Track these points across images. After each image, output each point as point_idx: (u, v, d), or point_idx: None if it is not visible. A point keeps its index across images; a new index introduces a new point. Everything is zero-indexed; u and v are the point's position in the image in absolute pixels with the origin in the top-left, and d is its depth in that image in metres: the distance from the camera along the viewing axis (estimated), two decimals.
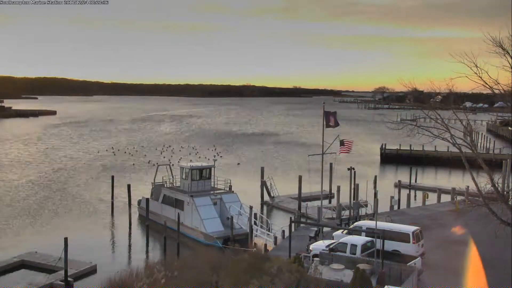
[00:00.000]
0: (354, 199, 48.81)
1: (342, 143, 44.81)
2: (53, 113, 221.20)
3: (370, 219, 39.02)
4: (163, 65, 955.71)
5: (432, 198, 54.07)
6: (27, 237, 42.81)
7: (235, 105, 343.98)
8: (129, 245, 42.70)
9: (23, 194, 59.83)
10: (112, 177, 56.11)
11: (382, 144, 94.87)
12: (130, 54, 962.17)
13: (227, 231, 40.96)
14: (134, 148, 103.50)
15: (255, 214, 42.76)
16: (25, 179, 68.94)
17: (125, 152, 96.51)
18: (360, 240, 30.60)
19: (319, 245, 31.45)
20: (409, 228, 32.61)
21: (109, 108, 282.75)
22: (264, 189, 56.85)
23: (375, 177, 58.27)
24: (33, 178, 69.74)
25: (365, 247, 29.81)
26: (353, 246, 29.69)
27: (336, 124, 43.72)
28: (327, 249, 29.91)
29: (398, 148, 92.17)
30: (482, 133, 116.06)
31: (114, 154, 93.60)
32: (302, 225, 41.16)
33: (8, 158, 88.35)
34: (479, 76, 24.27)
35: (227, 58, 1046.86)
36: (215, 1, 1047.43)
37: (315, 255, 29.51)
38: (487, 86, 24.67)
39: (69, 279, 31.07)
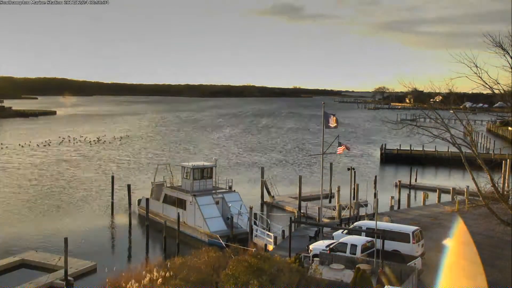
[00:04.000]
0: (354, 199, 48.81)
1: (340, 144, 45.02)
2: (53, 113, 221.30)
3: (370, 219, 39.02)
4: (164, 66, 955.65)
5: (432, 198, 54.04)
6: (27, 237, 42.77)
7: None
8: (129, 245, 42.70)
9: (23, 194, 59.85)
10: (112, 177, 56.09)
11: (382, 144, 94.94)
12: (130, 55, 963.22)
13: (230, 229, 41.02)
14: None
15: (255, 214, 42.75)
16: (25, 178, 69.02)
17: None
18: (360, 240, 30.59)
19: (319, 245, 31.42)
20: (409, 228, 32.60)
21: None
22: (264, 188, 56.85)
23: (375, 177, 58.25)
24: (33, 177, 69.80)
25: (365, 247, 29.80)
26: (353, 246, 29.67)
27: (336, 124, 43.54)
28: (327, 249, 29.90)
29: (398, 148, 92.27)
30: (482, 133, 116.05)
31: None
32: (302, 225, 41.15)
33: (8, 158, 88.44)
34: (479, 76, 24.31)
35: (227, 58, 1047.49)
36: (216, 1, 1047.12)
37: (315, 255, 29.49)
38: (487, 86, 24.69)
39: (69, 278, 31.07)
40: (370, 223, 33.37)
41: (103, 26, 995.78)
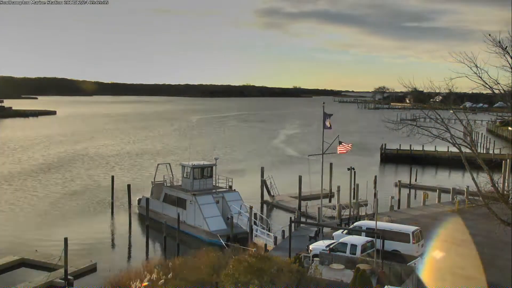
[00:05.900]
0: (354, 199, 48.80)
1: (340, 143, 45.08)
2: (53, 113, 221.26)
3: (370, 219, 39.03)
4: (163, 66, 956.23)
5: (432, 198, 54.02)
6: (27, 236, 42.82)
7: None
8: (129, 244, 42.72)
9: (23, 193, 59.86)
10: (112, 177, 56.10)
11: (382, 144, 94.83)
12: (130, 54, 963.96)
13: (230, 229, 41.04)
14: None
15: (255, 214, 42.76)
16: (25, 178, 69.02)
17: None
18: (360, 240, 30.60)
19: (319, 245, 31.43)
20: (409, 228, 32.62)
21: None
22: (264, 188, 56.84)
23: (375, 177, 58.20)
24: (33, 177, 69.79)
25: (365, 247, 29.82)
26: (353, 246, 29.68)
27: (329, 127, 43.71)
28: (327, 249, 29.91)
29: (398, 148, 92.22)
30: (482, 133, 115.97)
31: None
32: (302, 225, 41.15)
33: (8, 157, 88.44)
34: (479, 76, 24.18)
35: (227, 58, 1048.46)
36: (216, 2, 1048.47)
37: (315, 255, 29.51)
38: (487, 86, 24.58)
39: (69, 277, 31.12)
40: (370, 223, 33.39)
41: (103, 26, 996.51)
